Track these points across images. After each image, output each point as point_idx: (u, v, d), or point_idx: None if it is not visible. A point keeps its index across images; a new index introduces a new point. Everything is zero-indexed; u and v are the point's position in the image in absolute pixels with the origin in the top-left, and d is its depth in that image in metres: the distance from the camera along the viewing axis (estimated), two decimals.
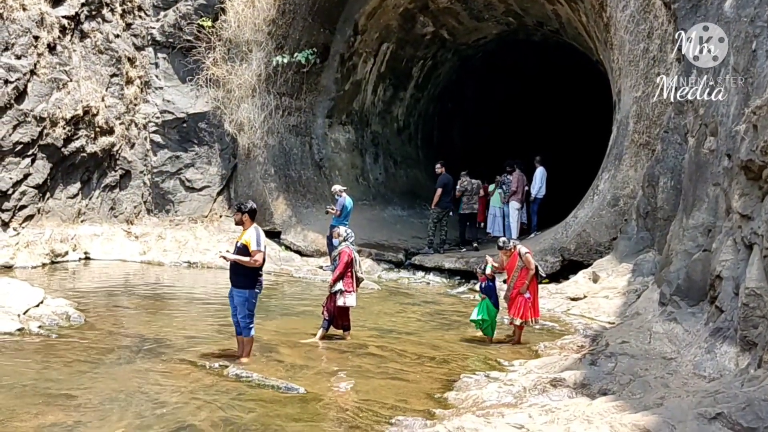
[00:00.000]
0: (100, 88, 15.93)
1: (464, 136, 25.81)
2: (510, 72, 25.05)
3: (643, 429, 5.05)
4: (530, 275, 9.49)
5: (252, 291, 7.79)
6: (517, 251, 9.55)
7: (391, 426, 6.03)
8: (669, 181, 11.90)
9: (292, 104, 17.58)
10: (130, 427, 5.78)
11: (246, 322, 7.86)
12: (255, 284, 7.80)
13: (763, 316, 5.94)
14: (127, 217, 16.48)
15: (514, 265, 9.56)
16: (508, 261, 9.63)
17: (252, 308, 7.85)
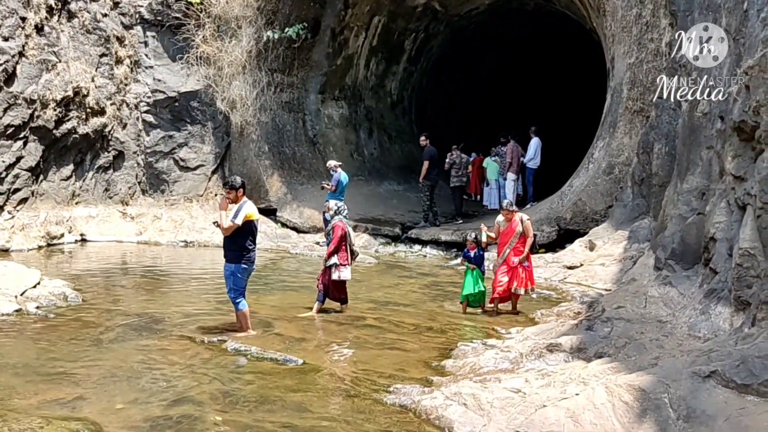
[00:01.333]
0: (90, 68, 15.80)
1: (458, 108, 25.70)
2: (503, 41, 24.86)
3: (638, 389, 5.09)
4: (529, 243, 9.47)
5: (238, 266, 7.78)
6: (519, 217, 9.51)
7: (389, 394, 6.07)
8: (663, 147, 11.88)
9: (284, 80, 17.47)
10: (129, 401, 5.81)
11: (231, 296, 7.90)
12: (242, 259, 7.78)
13: (757, 275, 5.95)
14: (122, 198, 16.44)
15: (512, 231, 9.45)
16: (506, 227, 9.51)
17: (238, 283, 7.84)
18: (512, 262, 9.37)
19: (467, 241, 9.82)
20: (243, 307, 7.96)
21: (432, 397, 5.78)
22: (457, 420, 5.41)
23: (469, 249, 9.69)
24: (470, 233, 9.98)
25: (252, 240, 7.84)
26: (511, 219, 9.50)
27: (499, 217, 9.78)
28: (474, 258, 9.59)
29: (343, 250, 9.26)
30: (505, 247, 9.48)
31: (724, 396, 4.81)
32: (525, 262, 9.45)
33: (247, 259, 7.84)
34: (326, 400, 6.10)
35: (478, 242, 9.67)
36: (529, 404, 5.37)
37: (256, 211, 8.01)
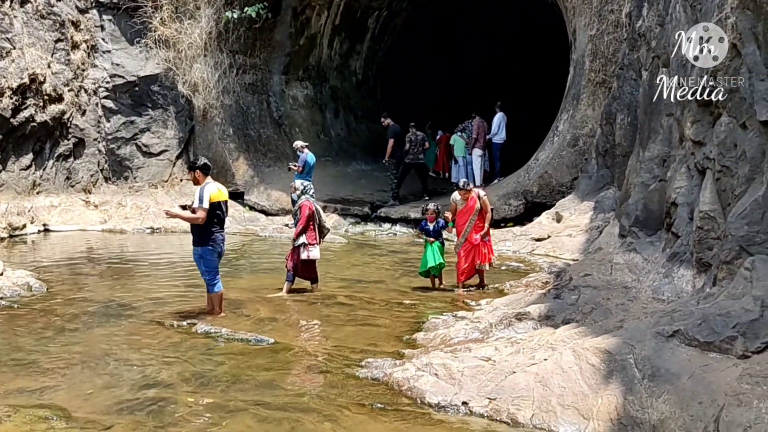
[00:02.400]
0: (46, 54, 15.40)
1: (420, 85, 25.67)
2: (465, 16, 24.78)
3: (604, 351, 5.18)
4: (488, 219, 9.47)
5: (205, 248, 7.71)
6: (476, 194, 9.45)
7: (361, 368, 6.09)
8: (626, 118, 12.01)
9: (246, 62, 17.25)
10: (97, 387, 5.75)
11: (206, 278, 7.84)
12: (208, 241, 7.70)
13: (717, 237, 6.07)
14: (84, 186, 16.13)
15: (471, 210, 9.38)
16: (464, 205, 9.42)
17: (209, 265, 7.78)
18: (474, 239, 9.34)
19: (426, 212, 9.60)
20: (218, 288, 7.89)
21: (404, 369, 5.82)
22: (429, 390, 5.46)
23: (428, 221, 9.53)
24: (430, 204, 9.75)
25: (217, 221, 7.75)
26: (468, 198, 9.39)
27: (454, 194, 9.65)
28: (433, 230, 9.45)
29: (311, 229, 9.23)
30: (466, 226, 9.41)
31: (687, 354, 4.92)
32: (486, 237, 9.46)
33: (212, 240, 7.74)
34: (298, 377, 6.11)
35: (437, 213, 9.52)
36: (499, 371, 5.45)
37: (221, 191, 7.89)
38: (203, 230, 7.71)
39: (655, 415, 4.69)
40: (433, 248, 9.33)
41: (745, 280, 5.04)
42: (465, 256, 9.40)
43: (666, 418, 4.63)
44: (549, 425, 4.93)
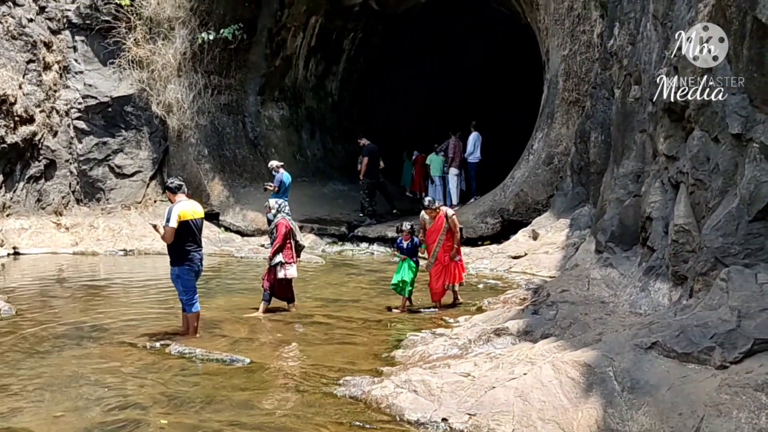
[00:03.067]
0: (17, 75, 15.20)
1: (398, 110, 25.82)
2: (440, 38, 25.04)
3: (583, 364, 5.16)
4: (457, 238, 9.31)
5: (182, 268, 7.60)
6: (443, 213, 9.26)
7: (339, 387, 5.99)
8: (600, 136, 12.15)
9: (221, 82, 17.19)
10: (68, 409, 5.57)
11: (183, 298, 7.72)
12: (184, 261, 7.59)
13: (692, 250, 6.12)
14: (56, 208, 15.86)
15: (439, 228, 9.19)
16: (432, 224, 9.24)
17: (186, 285, 7.66)
18: (444, 260, 9.19)
19: (402, 232, 9.44)
20: (196, 309, 7.75)
21: (382, 386, 5.74)
22: (408, 407, 5.38)
23: (402, 239, 9.40)
24: (405, 224, 9.58)
25: (192, 239, 7.63)
26: (435, 216, 9.22)
27: (423, 213, 9.45)
28: (407, 248, 9.34)
29: (288, 247, 9.13)
30: (435, 246, 9.22)
31: (666, 366, 4.91)
32: (456, 257, 9.31)
33: (189, 260, 7.63)
34: (275, 396, 5.99)
35: (412, 232, 9.40)
36: (479, 387, 5.39)
37: (195, 210, 7.78)
38: (178, 249, 7.59)
39: (635, 427, 4.66)
40: (403, 265, 9.21)
41: (722, 291, 5.06)
42: (436, 277, 9.24)
43: (646, 430, 4.60)
44: None
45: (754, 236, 5.23)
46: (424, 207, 9.39)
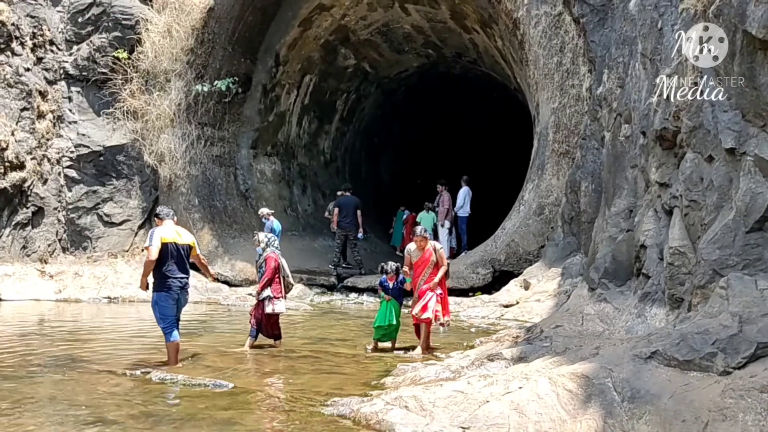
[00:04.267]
0: (10, 122, 15.24)
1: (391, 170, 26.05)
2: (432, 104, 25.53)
3: (581, 376, 4.98)
4: (442, 271, 8.76)
5: (160, 293, 7.45)
6: (432, 246, 8.83)
7: (326, 407, 5.74)
8: (590, 185, 12.22)
9: (214, 134, 17.29)
10: (41, 424, 5.28)
11: (160, 326, 7.53)
12: (162, 287, 7.43)
13: (689, 272, 6.04)
14: (41, 255, 15.60)
15: (426, 262, 8.74)
16: (419, 257, 8.76)
17: (162, 312, 7.46)
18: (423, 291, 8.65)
19: (387, 273, 8.99)
20: (173, 338, 7.51)
21: (372, 404, 5.50)
22: (399, 422, 5.14)
23: (387, 279, 8.99)
24: (390, 264, 9.13)
25: (174, 263, 7.45)
26: (423, 247, 8.78)
27: (410, 245, 9.03)
28: (393, 288, 8.95)
29: (276, 282, 8.96)
30: (419, 280, 8.73)
31: (667, 374, 4.75)
32: (438, 290, 8.72)
33: (167, 286, 7.43)
34: (259, 415, 5.73)
35: (397, 273, 9.01)
36: (473, 401, 5.17)
37: (177, 234, 7.67)
38: (157, 274, 7.45)
39: None
40: (389, 306, 8.77)
41: (721, 299, 4.95)
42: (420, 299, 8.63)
43: None
44: None
45: (751, 246, 5.17)
46: (414, 234, 8.98)
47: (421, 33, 19.19)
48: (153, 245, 7.33)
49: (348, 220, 16.19)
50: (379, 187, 24.96)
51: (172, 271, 7.43)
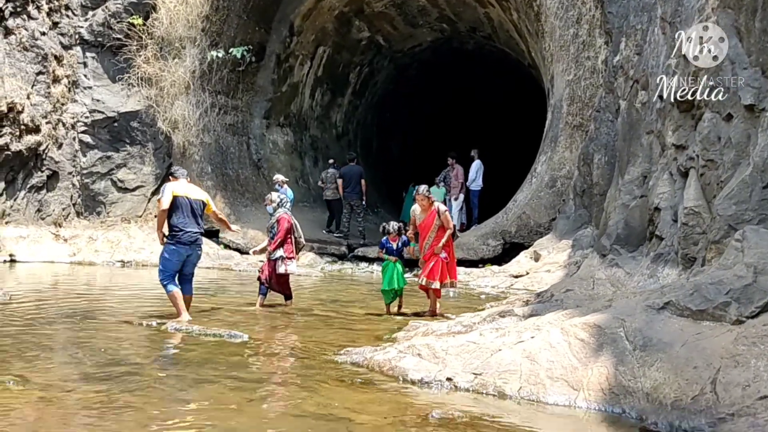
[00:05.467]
0: (26, 85, 15.33)
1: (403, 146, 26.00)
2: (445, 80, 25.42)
3: (593, 325, 5.02)
4: (447, 234, 8.48)
5: (167, 246, 7.55)
6: (436, 208, 8.53)
7: (340, 356, 5.82)
8: (603, 157, 12.18)
9: (228, 103, 17.32)
10: (60, 363, 5.40)
11: (159, 278, 7.62)
12: (170, 239, 7.52)
13: (703, 232, 6.05)
14: (55, 219, 15.76)
15: (430, 224, 8.47)
16: (424, 219, 8.53)
17: (166, 265, 7.55)
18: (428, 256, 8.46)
19: (389, 234, 8.76)
20: (170, 289, 7.53)
21: (385, 352, 5.58)
22: (412, 368, 5.22)
23: (389, 240, 8.79)
24: (392, 224, 8.89)
25: (185, 216, 7.51)
26: (427, 208, 8.50)
27: (415, 207, 8.73)
28: (397, 250, 8.75)
29: (288, 242, 9.02)
30: (425, 243, 8.51)
31: (679, 324, 4.79)
32: (442, 254, 8.46)
33: (177, 240, 7.50)
34: (275, 362, 5.82)
35: (400, 233, 8.80)
36: (485, 350, 5.24)
37: (189, 189, 7.78)
38: (169, 227, 7.55)
39: (648, 383, 4.50)
40: (396, 267, 8.63)
41: (736, 251, 4.97)
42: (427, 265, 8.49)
43: (660, 384, 4.44)
44: (538, 396, 4.70)
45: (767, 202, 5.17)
46: (417, 193, 8.63)
47: (436, 6, 19.07)
48: (164, 197, 7.45)
49: (351, 189, 16.24)
50: (390, 163, 24.95)
51: (182, 224, 7.49)
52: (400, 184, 22.30)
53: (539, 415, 4.52)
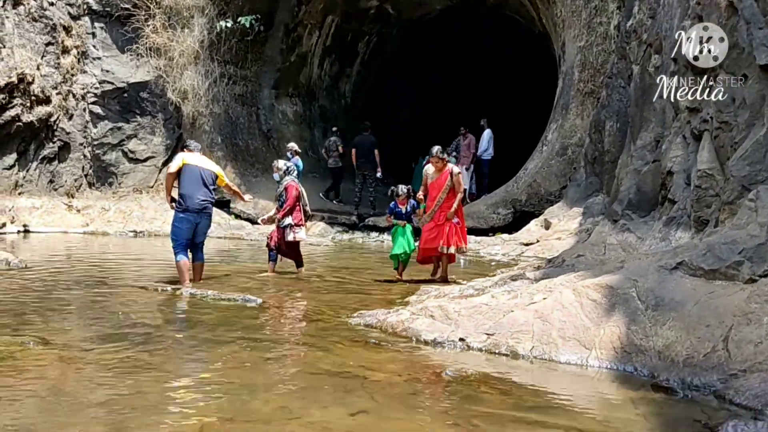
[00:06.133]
0: (35, 56, 15.32)
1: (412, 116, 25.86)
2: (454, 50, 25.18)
3: (605, 286, 5.05)
4: (458, 199, 8.37)
5: (177, 214, 7.63)
6: (449, 169, 8.40)
7: (353, 318, 5.89)
8: (615, 124, 12.10)
9: (237, 73, 17.28)
10: (78, 325, 5.49)
11: (172, 246, 7.71)
12: (180, 207, 7.58)
13: (716, 194, 6.03)
14: (68, 190, 15.86)
15: (441, 184, 8.32)
16: (435, 179, 8.41)
17: (176, 232, 7.63)
18: (440, 219, 8.30)
19: (398, 196, 8.63)
20: (179, 258, 7.60)
21: (398, 314, 5.64)
22: (425, 330, 5.27)
23: (398, 204, 8.66)
24: (401, 187, 8.71)
25: (194, 184, 7.57)
26: (441, 169, 8.37)
27: (427, 166, 8.66)
28: (405, 213, 8.60)
29: (297, 210, 9.00)
30: (434, 205, 8.35)
31: (692, 284, 4.80)
32: (455, 218, 8.36)
33: (185, 207, 7.56)
34: (289, 324, 5.90)
35: (409, 196, 8.66)
36: (497, 311, 5.28)
37: (200, 159, 7.85)
38: (178, 194, 7.63)
39: (660, 341, 4.54)
40: (406, 231, 8.53)
41: (750, 210, 4.96)
42: (427, 236, 8.34)
43: (672, 342, 4.48)
44: (550, 355, 4.75)
45: None
46: (430, 155, 8.48)
47: None
48: (173, 162, 7.53)
49: (364, 160, 16.18)
50: (399, 134, 24.85)
51: (191, 192, 7.54)
52: (409, 155, 22.24)
53: (551, 374, 4.57)
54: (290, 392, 3.92)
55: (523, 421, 3.52)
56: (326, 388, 3.95)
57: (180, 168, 7.63)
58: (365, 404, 3.69)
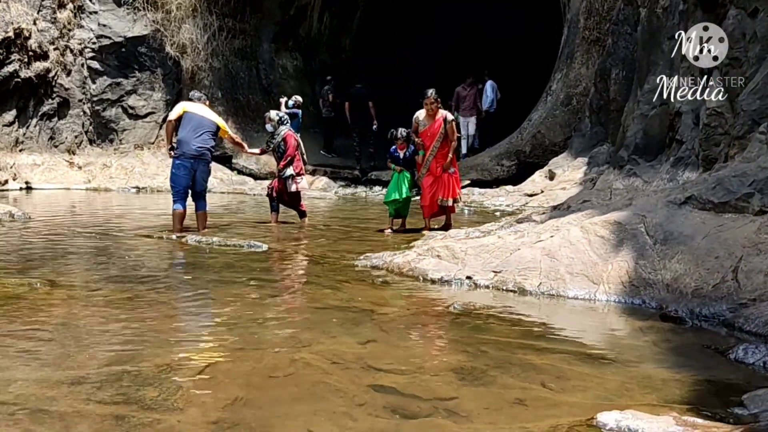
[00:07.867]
0: (31, 11, 15.06)
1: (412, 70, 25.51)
2: None
3: (613, 222, 5.02)
4: (452, 148, 7.95)
5: (175, 160, 7.61)
6: (443, 115, 7.87)
7: (360, 260, 5.88)
8: (621, 72, 11.94)
9: (236, 26, 17.00)
10: (83, 269, 5.49)
11: (172, 193, 7.73)
12: (178, 154, 7.54)
13: (725, 132, 5.97)
14: (68, 147, 15.76)
15: (435, 132, 7.81)
16: (428, 127, 7.86)
17: (174, 180, 7.64)
18: (437, 171, 7.94)
19: (397, 140, 8.20)
20: (176, 207, 7.60)
21: (404, 255, 5.63)
22: (432, 269, 5.27)
23: (397, 148, 8.27)
24: (401, 130, 8.21)
25: (192, 131, 7.48)
26: (434, 115, 7.82)
27: (419, 112, 7.96)
28: (403, 158, 8.21)
29: (297, 159, 8.88)
30: (428, 155, 7.91)
31: (701, 217, 4.78)
32: (451, 169, 8.04)
33: (181, 153, 7.50)
34: (295, 266, 5.90)
35: (408, 140, 8.17)
36: (504, 249, 5.27)
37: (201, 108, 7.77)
38: (176, 141, 7.59)
39: (668, 274, 4.53)
40: (401, 178, 8.10)
41: (761, 143, 4.91)
42: (427, 191, 8.01)
43: (680, 275, 4.47)
44: (558, 291, 4.75)
45: None
46: (425, 96, 7.82)
47: None
48: (174, 110, 7.47)
49: (359, 112, 15.81)
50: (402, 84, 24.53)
51: (188, 138, 7.48)
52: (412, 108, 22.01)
53: (559, 307, 4.57)
54: (299, 324, 3.93)
55: (531, 348, 3.53)
56: (335, 321, 3.95)
57: (180, 116, 7.56)
58: (374, 335, 3.69)
